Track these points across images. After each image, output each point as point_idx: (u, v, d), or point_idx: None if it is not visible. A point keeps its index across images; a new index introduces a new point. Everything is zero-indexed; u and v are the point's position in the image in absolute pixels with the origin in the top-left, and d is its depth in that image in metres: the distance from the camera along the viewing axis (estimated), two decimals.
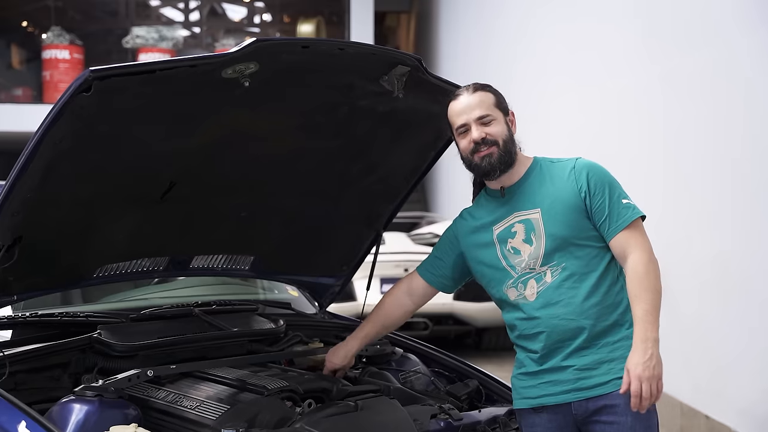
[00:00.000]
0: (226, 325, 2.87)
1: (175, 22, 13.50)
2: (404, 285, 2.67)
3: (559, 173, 2.38)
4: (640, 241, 2.31)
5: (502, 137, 2.37)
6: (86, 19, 13.04)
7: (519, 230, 2.38)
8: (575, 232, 2.33)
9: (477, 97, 2.39)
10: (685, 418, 4.81)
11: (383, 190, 3.00)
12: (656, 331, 2.21)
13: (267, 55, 2.24)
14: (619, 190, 2.36)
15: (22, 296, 2.65)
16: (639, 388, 2.15)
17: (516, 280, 2.37)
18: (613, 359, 2.29)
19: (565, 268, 2.32)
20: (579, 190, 2.33)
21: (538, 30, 7.62)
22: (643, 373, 2.16)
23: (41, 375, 2.56)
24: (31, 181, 2.22)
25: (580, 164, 2.38)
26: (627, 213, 2.32)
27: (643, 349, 2.18)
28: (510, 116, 2.43)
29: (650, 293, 2.24)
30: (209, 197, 2.71)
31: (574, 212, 2.33)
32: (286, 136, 2.62)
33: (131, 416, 2.28)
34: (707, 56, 4.57)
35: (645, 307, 2.23)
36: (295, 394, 2.49)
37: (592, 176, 2.34)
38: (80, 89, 2.05)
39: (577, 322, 2.30)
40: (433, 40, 12.67)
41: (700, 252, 4.67)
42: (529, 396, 2.38)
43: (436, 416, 2.52)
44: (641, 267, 2.27)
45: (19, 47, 13.08)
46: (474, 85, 2.42)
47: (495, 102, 2.40)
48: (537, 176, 2.41)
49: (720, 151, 4.46)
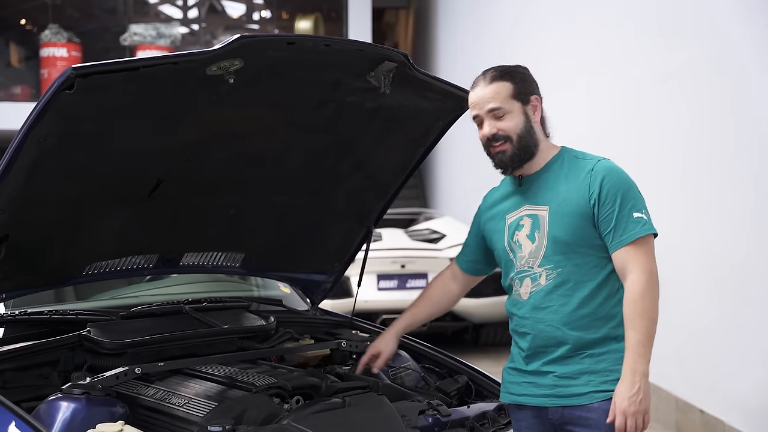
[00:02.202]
0: (217, 323, 2.87)
1: (174, 19, 13.47)
2: (450, 270, 2.67)
3: (577, 172, 2.28)
4: (643, 260, 2.19)
5: (516, 132, 2.29)
6: (84, 16, 13.02)
7: (526, 224, 2.32)
8: (578, 239, 2.24)
9: (492, 88, 2.30)
10: (680, 413, 4.81)
11: (373, 186, 3.00)
12: (646, 363, 2.15)
13: (251, 51, 2.23)
14: (633, 202, 2.23)
15: (11, 294, 2.66)
16: (623, 423, 2.14)
17: (516, 274, 2.35)
18: (595, 371, 2.23)
19: (561, 274, 2.26)
20: (590, 196, 2.23)
21: (534, 24, 7.61)
22: (628, 408, 2.13)
23: (30, 373, 2.57)
24: (17, 179, 2.22)
25: (599, 167, 2.26)
26: (635, 228, 2.20)
27: (631, 383, 2.13)
28: (532, 103, 2.32)
29: (644, 320, 2.16)
30: (197, 195, 2.71)
31: (581, 218, 2.24)
32: (274, 133, 2.61)
33: (118, 414, 2.28)
34: (707, 48, 4.56)
35: (638, 336, 2.15)
36: (283, 391, 2.49)
37: (606, 183, 2.22)
38: (63, 87, 2.05)
39: (562, 332, 2.25)
40: (431, 35, 12.65)
41: (695, 247, 4.67)
42: (513, 392, 2.38)
43: (425, 412, 2.51)
44: (638, 289, 2.18)
45: (18, 45, 13.07)
46: (492, 74, 2.32)
47: (512, 92, 2.29)
48: (556, 170, 2.31)
49: (717, 147, 4.45)
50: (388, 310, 6.70)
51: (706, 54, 4.51)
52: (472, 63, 9.78)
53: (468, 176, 9.27)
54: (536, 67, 2.41)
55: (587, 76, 6.30)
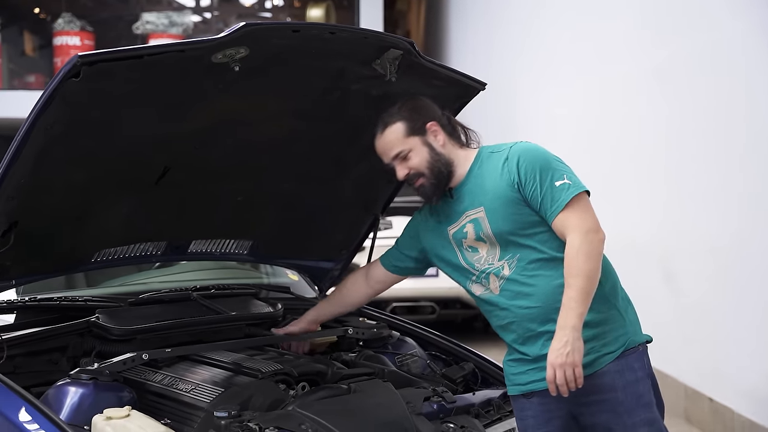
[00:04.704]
0: (224, 309, 2.90)
1: (186, 7, 13.46)
2: (363, 271, 2.72)
3: (494, 166, 2.33)
4: (575, 221, 2.23)
5: (425, 165, 2.35)
6: (97, 5, 13.04)
7: (470, 230, 2.36)
8: (519, 225, 2.29)
9: (386, 136, 2.37)
10: (689, 401, 4.81)
11: (379, 173, 3.00)
12: (577, 318, 2.17)
13: (257, 39, 2.23)
14: (552, 172, 2.27)
15: (20, 281, 2.68)
16: (553, 374, 2.17)
17: (479, 276, 2.37)
18: (592, 338, 2.26)
19: (521, 259, 2.30)
20: (512, 183, 2.28)
21: (548, 17, 7.56)
22: (556, 360, 2.16)
23: (40, 358, 2.60)
24: (25, 166, 2.24)
25: (512, 152, 2.31)
26: (561, 195, 2.24)
27: (560, 337, 2.17)
28: (430, 130, 2.37)
29: (578, 278, 2.18)
30: (204, 182, 2.72)
31: (513, 205, 2.28)
32: (280, 121, 2.62)
33: (126, 399, 2.30)
34: (702, 41, 4.54)
35: (570, 293, 2.18)
36: (289, 377, 2.50)
37: (522, 163, 2.27)
38: (69, 75, 2.06)
39: (543, 309, 2.28)
40: (444, 23, 12.61)
41: (702, 237, 4.65)
42: (519, 382, 2.38)
43: (430, 399, 2.53)
44: (572, 250, 2.21)
45: (32, 34, 13.12)
46: (381, 123, 2.39)
47: (405, 131, 2.36)
48: (478, 172, 2.36)
49: (721, 137, 4.43)
50: (397, 298, 6.71)
51: (710, 46, 4.49)
52: (484, 50, 9.75)
53: None
54: (548, 59, 2.39)
55: (599, 70, 6.27)
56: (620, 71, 5.78)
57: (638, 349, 2.33)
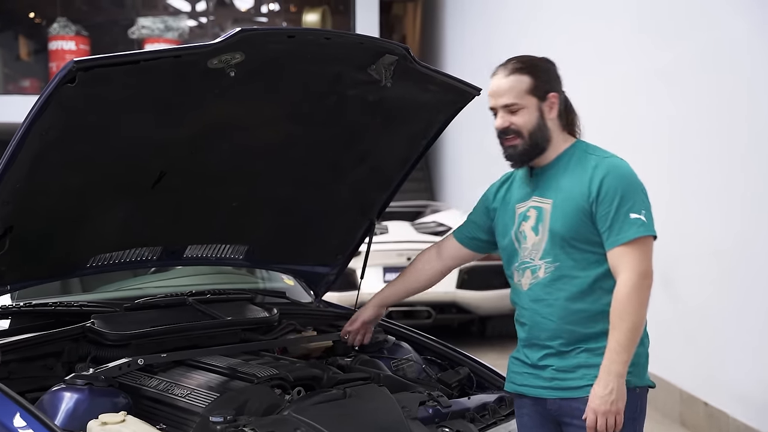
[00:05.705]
0: (220, 314, 2.89)
1: (182, 12, 13.49)
2: (435, 247, 2.68)
3: (582, 168, 2.27)
4: (636, 262, 2.17)
5: (528, 128, 2.28)
6: (92, 9, 13.06)
7: (532, 216, 2.33)
8: (576, 235, 2.24)
9: (509, 81, 2.29)
10: (685, 405, 4.81)
11: (376, 178, 3.01)
12: (622, 365, 2.14)
13: (252, 44, 2.24)
14: (631, 203, 2.20)
15: (16, 286, 2.67)
16: (594, 421, 2.15)
17: (519, 264, 2.36)
18: (591, 365, 2.23)
19: (558, 268, 2.26)
20: (589, 194, 2.22)
21: (544, 20, 7.58)
22: (599, 407, 2.14)
23: (35, 364, 2.59)
24: (20, 171, 2.24)
25: (603, 165, 2.25)
26: (630, 229, 2.18)
27: (606, 383, 2.14)
28: (549, 100, 2.30)
29: (626, 322, 2.15)
30: (200, 187, 2.72)
31: (581, 214, 2.23)
32: (275, 126, 2.62)
33: (121, 404, 2.30)
34: (704, 41, 4.55)
35: (617, 337, 2.15)
36: (285, 382, 2.50)
37: (606, 181, 2.21)
38: (65, 80, 2.06)
39: (556, 325, 2.27)
40: (440, 28, 12.63)
41: (702, 242, 4.66)
42: (515, 382, 2.40)
43: (425, 403, 2.53)
44: (624, 290, 2.16)
45: (27, 38, 13.12)
46: (513, 65, 2.30)
47: (529, 87, 2.28)
48: (566, 164, 2.30)
49: (724, 138, 4.44)
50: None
51: (703, 47, 4.50)
52: (480, 54, 9.76)
53: (475, 169, 9.26)
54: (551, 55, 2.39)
55: (597, 70, 6.28)
56: (620, 72, 5.79)
57: (635, 392, 2.24)
